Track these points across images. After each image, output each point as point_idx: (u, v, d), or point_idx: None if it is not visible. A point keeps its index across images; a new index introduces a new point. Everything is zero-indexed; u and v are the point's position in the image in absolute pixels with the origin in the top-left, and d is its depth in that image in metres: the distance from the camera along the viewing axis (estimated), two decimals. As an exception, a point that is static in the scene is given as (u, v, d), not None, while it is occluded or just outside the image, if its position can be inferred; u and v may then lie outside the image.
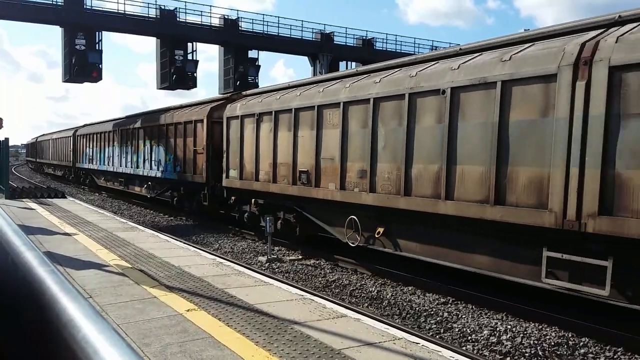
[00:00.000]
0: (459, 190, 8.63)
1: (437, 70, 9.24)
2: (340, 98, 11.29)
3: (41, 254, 0.94)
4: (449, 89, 8.71)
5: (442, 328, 7.78)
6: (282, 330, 5.43)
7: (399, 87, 9.82)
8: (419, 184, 9.41)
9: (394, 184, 9.92)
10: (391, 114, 10.01)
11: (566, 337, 7.17)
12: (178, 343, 4.94)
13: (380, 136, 10.26)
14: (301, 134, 12.67)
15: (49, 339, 0.78)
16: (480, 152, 8.27)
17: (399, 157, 9.77)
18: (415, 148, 9.48)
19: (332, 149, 11.54)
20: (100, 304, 6.18)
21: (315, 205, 12.43)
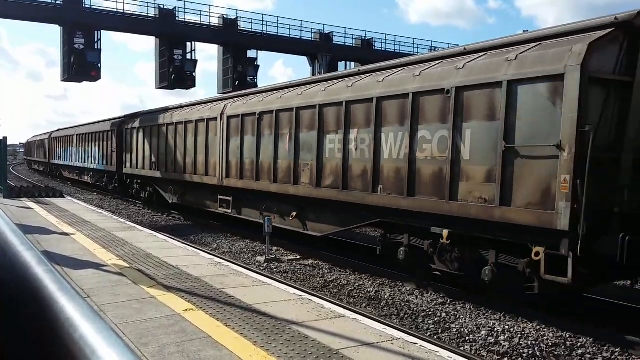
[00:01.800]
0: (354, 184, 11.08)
1: (366, 83, 11.07)
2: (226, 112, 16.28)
3: (39, 254, 0.94)
4: (374, 98, 10.54)
5: (440, 328, 7.78)
6: (281, 330, 5.43)
7: (313, 100, 12.41)
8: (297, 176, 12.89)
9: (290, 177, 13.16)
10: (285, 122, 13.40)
11: (564, 337, 7.18)
12: (176, 343, 4.94)
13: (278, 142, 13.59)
14: (200, 139, 17.72)
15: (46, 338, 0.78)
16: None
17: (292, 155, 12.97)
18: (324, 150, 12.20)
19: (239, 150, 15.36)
20: (98, 303, 6.17)
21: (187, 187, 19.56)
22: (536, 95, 7.62)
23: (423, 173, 9.36)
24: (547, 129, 7.41)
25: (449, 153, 8.77)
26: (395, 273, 10.51)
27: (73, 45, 27.71)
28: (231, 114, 15.78)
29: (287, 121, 13.05)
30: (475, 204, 8.35)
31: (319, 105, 11.94)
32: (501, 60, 8.16)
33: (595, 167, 6.94)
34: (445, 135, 8.87)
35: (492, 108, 8.16)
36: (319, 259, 12.54)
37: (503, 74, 7.98)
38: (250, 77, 34.27)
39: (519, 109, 7.80)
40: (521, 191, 7.72)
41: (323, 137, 11.85)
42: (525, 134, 7.73)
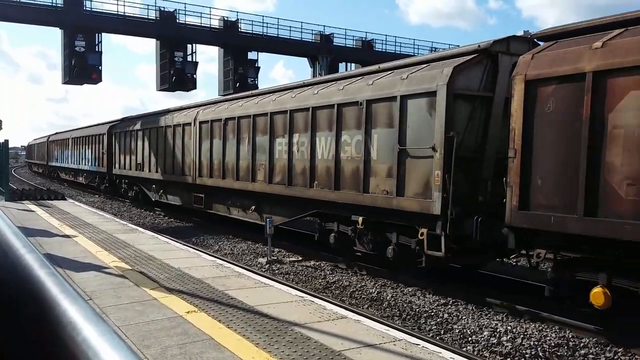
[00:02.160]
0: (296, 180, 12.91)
1: (305, 95, 12.93)
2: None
3: (41, 256, 0.94)
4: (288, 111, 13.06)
5: (443, 329, 7.77)
6: (283, 331, 5.43)
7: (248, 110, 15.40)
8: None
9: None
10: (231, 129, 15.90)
11: (566, 337, 7.17)
12: (178, 345, 4.94)
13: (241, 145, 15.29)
14: (177, 142, 19.60)
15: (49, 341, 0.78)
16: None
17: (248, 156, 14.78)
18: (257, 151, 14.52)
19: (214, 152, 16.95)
20: (100, 306, 6.18)
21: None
22: (419, 108, 9.53)
23: (345, 170, 11.26)
24: (426, 134, 9.28)
25: (362, 154, 10.69)
26: (398, 274, 10.51)
27: (74, 48, 27.76)
28: (202, 120, 17.69)
29: (247, 126, 14.95)
30: (380, 195, 10.26)
31: (270, 113, 13.83)
32: (398, 79, 10.08)
33: (462, 164, 8.83)
34: (360, 139, 10.76)
35: (391, 117, 10.05)
36: (321, 260, 12.54)
37: (397, 90, 9.92)
38: (251, 78, 34.30)
39: (408, 118, 9.71)
40: (410, 184, 9.65)
41: (273, 140, 13.71)
42: (412, 138, 9.60)
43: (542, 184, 7.51)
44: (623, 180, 6.64)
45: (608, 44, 6.93)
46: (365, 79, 11.24)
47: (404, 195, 9.69)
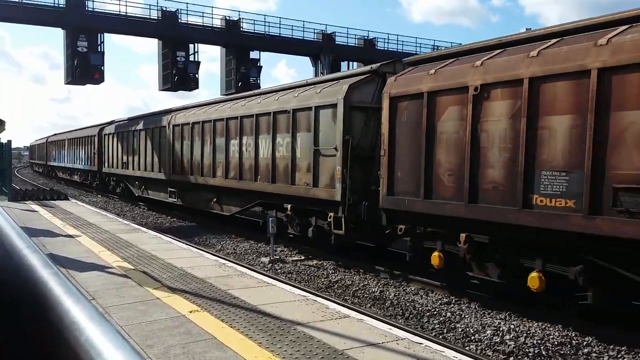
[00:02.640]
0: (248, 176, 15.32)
1: (251, 104, 15.51)
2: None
3: (44, 256, 0.94)
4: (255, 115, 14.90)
5: (446, 328, 7.77)
6: (285, 331, 5.43)
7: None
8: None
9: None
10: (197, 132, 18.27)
11: (569, 336, 7.15)
12: (181, 344, 4.94)
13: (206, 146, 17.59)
14: (155, 143, 22.14)
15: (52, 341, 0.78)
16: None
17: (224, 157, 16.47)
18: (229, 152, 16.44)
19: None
20: (103, 305, 6.19)
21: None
22: (327, 117, 11.88)
23: (279, 166, 13.62)
24: (332, 137, 11.68)
25: (290, 153, 13.07)
26: (399, 273, 10.51)
27: (76, 48, 27.81)
28: (174, 124, 20.06)
29: (209, 130, 17.30)
30: (302, 187, 12.64)
31: (226, 119, 16.32)
32: (314, 92, 12.57)
33: (358, 161, 11.27)
34: (289, 141, 13.11)
35: (309, 124, 12.44)
36: (323, 259, 12.54)
37: (313, 102, 12.34)
38: (253, 78, 34.30)
39: (320, 124, 12.12)
40: (322, 177, 12.04)
41: (229, 142, 16.16)
42: (323, 140, 12.02)
43: (401, 176, 10.01)
44: (445, 172, 9.05)
45: (438, 71, 9.34)
46: (294, 91, 13.78)
47: (318, 186, 12.16)
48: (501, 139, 8.10)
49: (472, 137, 8.46)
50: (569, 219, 7.10)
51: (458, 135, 8.78)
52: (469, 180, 8.51)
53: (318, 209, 12.24)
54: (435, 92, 9.19)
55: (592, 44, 6.98)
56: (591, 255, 7.10)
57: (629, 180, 6.52)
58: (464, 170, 8.60)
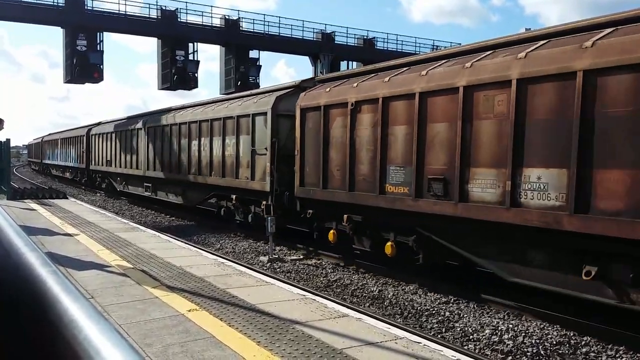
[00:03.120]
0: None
1: (206, 110, 18.65)
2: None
3: (43, 255, 0.94)
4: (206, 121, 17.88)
5: (444, 327, 7.78)
6: (284, 330, 5.43)
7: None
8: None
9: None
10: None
11: (568, 336, 7.16)
12: (180, 343, 4.95)
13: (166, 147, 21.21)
14: (134, 143, 25.05)
15: (50, 340, 0.78)
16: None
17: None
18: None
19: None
20: (102, 304, 6.19)
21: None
22: (261, 122, 14.54)
23: (227, 163, 16.32)
24: (264, 139, 14.31)
25: (235, 152, 15.76)
26: (400, 272, 10.52)
27: (75, 47, 27.78)
28: (149, 126, 23.09)
29: (175, 132, 20.17)
30: (244, 180, 15.33)
31: (188, 122, 19.10)
32: (252, 102, 15.36)
33: (284, 160, 13.53)
34: (235, 142, 15.77)
35: (248, 128, 15.11)
36: (322, 258, 12.55)
37: (250, 110, 15.12)
38: (252, 77, 34.29)
39: (256, 129, 14.77)
40: (257, 172, 14.72)
41: (190, 142, 18.84)
42: (258, 142, 14.65)
43: (309, 171, 12.55)
44: (335, 167, 11.58)
45: (331, 89, 11.94)
46: (239, 100, 16.63)
47: (254, 180, 14.82)
48: (367, 142, 10.68)
49: (351, 141, 11.08)
50: (404, 201, 9.76)
51: (342, 139, 11.36)
52: (349, 174, 11.10)
53: (255, 198, 14.93)
54: (328, 105, 11.85)
55: (417, 75, 9.67)
56: (419, 228, 9.75)
57: (437, 173, 9.14)
58: (346, 166, 11.20)
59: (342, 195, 11.32)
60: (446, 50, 10.87)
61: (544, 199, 7.42)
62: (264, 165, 14.20)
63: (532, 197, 7.56)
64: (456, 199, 8.71)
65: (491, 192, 8.19)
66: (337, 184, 11.54)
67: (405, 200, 9.68)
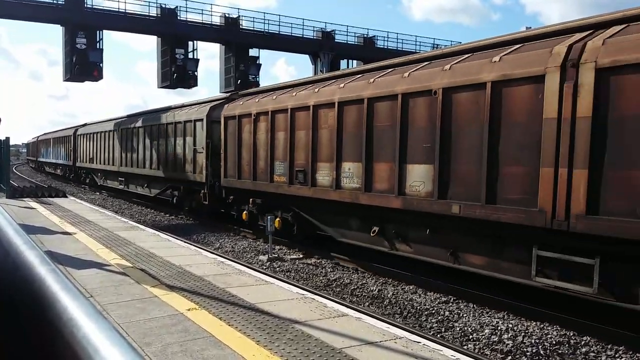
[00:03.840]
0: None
1: (165, 115, 22.64)
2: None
3: (42, 253, 0.94)
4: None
5: (444, 327, 7.77)
6: (283, 329, 5.43)
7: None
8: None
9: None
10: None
11: (567, 336, 7.16)
12: (179, 342, 4.94)
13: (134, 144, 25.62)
14: (110, 143, 29.58)
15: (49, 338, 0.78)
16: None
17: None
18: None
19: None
20: (101, 303, 6.18)
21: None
22: (200, 127, 18.20)
23: (177, 160, 20.17)
24: (202, 141, 17.98)
25: (183, 150, 19.59)
26: (399, 272, 10.52)
27: (75, 45, 27.74)
28: (122, 128, 26.95)
29: (142, 133, 23.99)
30: (189, 174, 19.12)
31: (150, 126, 23.09)
32: (194, 110, 19.18)
33: (216, 157, 16.86)
34: (182, 142, 19.67)
35: (191, 131, 18.89)
36: (322, 257, 12.55)
37: (193, 117, 18.86)
38: (252, 75, 34.26)
39: (197, 132, 18.54)
40: (197, 167, 18.46)
41: (152, 142, 22.77)
42: (198, 142, 18.41)
43: (230, 166, 16.07)
44: (246, 163, 15.20)
45: (243, 103, 15.75)
46: (188, 108, 20.45)
47: (195, 173, 18.66)
48: (264, 144, 14.24)
49: (254, 143, 14.64)
50: (284, 187, 13.34)
51: (249, 142, 14.87)
52: (253, 168, 14.68)
53: (197, 188, 18.61)
54: (240, 115, 15.45)
55: (290, 95, 13.38)
56: (294, 206, 13.42)
57: (300, 166, 12.72)
58: (251, 162, 14.77)
59: (249, 184, 14.99)
60: (312, 77, 15.92)
61: (352, 183, 11.11)
62: (202, 161, 17.99)
63: (346, 182, 11.29)
64: (310, 185, 12.33)
65: (327, 179, 11.86)
66: (246, 175, 15.18)
67: (284, 186, 13.33)
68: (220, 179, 16.63)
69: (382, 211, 10.39)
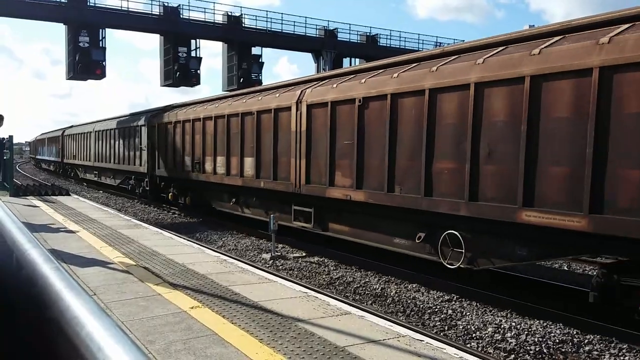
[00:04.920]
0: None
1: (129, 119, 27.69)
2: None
3: (46, 252, 0.94)
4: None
5: (447, 325, 7.77)
6: (286, 327, 5.43)
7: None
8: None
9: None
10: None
11: (571, 334, 7.15)
12: (182, 340, 4.95)
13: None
14: (90, 142, 34.76)
15: (53, 335, 0.78)
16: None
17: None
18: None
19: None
20: (104, 301, 6.19)
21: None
22: (143, 130, 23.37)
23: (130, 156, 25.16)
24: (145, 141, 23.21)
25: (133, 148, 24.71)
26: (402, 270, 10.52)
27: (78, 44, 27.78)
28: (96, 130, 32.34)
29: (107, 136, 29.27)
30: (136, 166, 24.26)
31: (113, 129, 28.01)
32: (138, 117, 24.28)
33: (154, 153, 22.33)
34: (133, 142, 24.70)
35: (137, 133, 24.18)
36: (325, 256, 12.55)
37: (139, 123, 24.06)
38: (255, 74, 34.26)
39: (142, 134, 23.67)
40: (142, 161, 23.31)
41: (115, 143, 27.56)
42: (143, 143, 23.38)
43: (160, 160, 21.43)
44: (170, 157, 20.62)
45: (178, 113, 20.13)
46: (136, 116, 26.13)
47: (141, 166, 23.40)
48: (186, 144, 19.00)
49: (174, 143, 20.23)
50: (191, 174, 18.58)
51: (174, 143, 19.96)
52: (174, 161, 19.85)
53: (142, 178, 23.72)
54: (167, 122, 20.52)
55: (203, 108, 18.08)
56: (193, 187, 19.17)
57: (197, 159, 17.75)
58: (175, 157, 19.79)
59: (172, 173, 20.42)
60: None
61: (220, 170, 16.73)
62: (144, 157, 23.22)
63: (218, 169, 16.77)
64: (202, 172, 17.74)
65: (209, 167, 17.25)
66: (170, 166, 20.51)
67: (192, 174, 18.55)
68: (155, 170, 22.29)
69: (233, 188, 16.26)
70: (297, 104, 12.81)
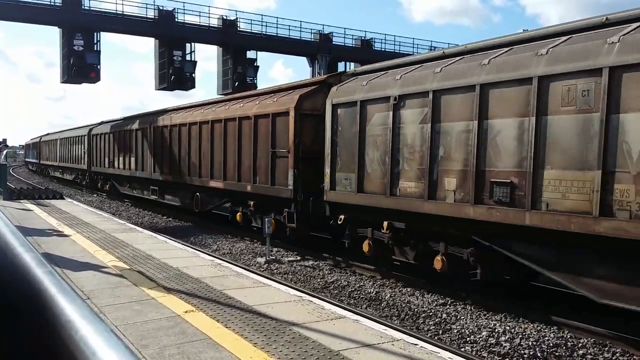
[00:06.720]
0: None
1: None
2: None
3: (39, 256, 0.93)
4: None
5: (441, 329, 7.77)
6: (281, 331, 5.42)
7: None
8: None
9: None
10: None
11: (565, 338, 7.17)
12: (176, 344, 4.93)
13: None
14: (76, 147, 37.80)
15: (46, 340, 0.77)
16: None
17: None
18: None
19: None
20: (98, 305, 6.17)
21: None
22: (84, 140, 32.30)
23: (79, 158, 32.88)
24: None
25: (83, 151, 33.37)
26: (397, 274, 10.52)
27: (72, 47, 27.70)
28: (60, 138, 40.00)
29: (79, 142, 33.48)
30: (124, 168, 26.73)
31: (75, 137, 34.97)
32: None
33: (90, 154, 32.03)
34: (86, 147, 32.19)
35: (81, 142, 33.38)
36: (319, 259, 12.54)
37: (84, 134, 34.05)
38: (250, 77, 34.28)
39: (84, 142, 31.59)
40: (127, 160, 26.37)
41: (73, 148, 35.03)
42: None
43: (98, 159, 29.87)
44: (132, 160, 24.77)
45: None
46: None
47: (121, 167, 25.98)
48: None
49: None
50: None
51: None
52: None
53: (81, 168, 30.82)
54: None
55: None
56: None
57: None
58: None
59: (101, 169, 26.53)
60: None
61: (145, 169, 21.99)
62: (81, 154, 31.07)
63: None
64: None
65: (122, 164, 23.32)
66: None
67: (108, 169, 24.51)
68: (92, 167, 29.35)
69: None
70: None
